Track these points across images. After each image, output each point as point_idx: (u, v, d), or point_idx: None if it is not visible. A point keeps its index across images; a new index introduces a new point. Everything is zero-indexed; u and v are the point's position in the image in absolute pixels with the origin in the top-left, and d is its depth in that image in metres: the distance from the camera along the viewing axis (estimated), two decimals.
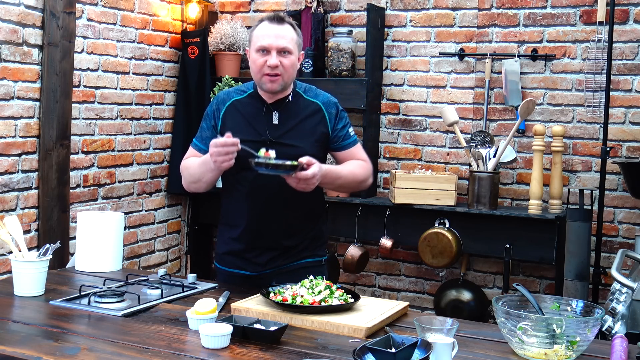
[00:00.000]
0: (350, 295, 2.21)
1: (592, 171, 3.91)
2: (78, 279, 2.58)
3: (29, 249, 2.43)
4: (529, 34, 4.00)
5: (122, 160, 4.09)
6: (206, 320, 1.95)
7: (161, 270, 2.58)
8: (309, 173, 2.25)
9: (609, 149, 3.59)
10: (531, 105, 3.72)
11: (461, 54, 4.13)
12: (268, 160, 2.23)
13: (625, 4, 3.78)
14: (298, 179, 2.26)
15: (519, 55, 4.00)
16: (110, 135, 3.99)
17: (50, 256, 2.38)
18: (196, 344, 1.86)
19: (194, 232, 4.65)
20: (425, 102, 4.25)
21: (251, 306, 2.13)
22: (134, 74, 4.13)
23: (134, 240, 4.21)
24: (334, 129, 2.53)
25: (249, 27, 4.58)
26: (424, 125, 4.27)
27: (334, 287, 2.20)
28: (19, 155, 3.41)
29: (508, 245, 3.75)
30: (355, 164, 2.55)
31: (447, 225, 3.89)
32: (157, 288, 2.36)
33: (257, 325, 1.92)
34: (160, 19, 4.31)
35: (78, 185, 3.78)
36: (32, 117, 3.47)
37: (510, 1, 4.03)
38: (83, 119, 3.80)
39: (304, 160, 2.26)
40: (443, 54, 4.18)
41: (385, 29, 4.31)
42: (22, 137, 3.43)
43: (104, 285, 2.38)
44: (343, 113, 2.57)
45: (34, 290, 2.31)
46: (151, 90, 4.28)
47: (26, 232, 3.43)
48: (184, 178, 2.55)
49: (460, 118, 4.09)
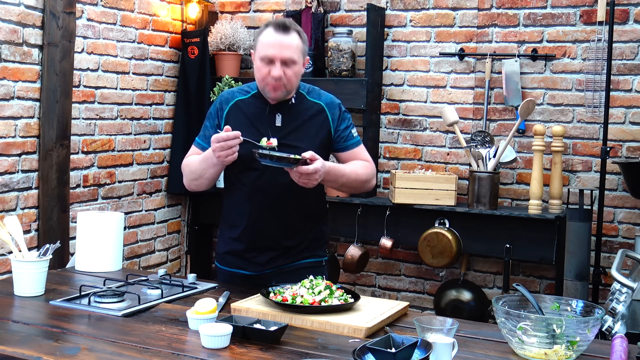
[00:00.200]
0: (350, 295, 2.21)
1: (592, 171, 3.91)
2: (78, 279, 2.58)
3: (29, 249, 2.43)
4: (529, 34, 4.00)
5: (122, 160, 4.09)
6: (206, 320, 1.95)
7: (161, 270, 2.58)
8: (310, 168, 2.25)
9: (609, 149, 3.59)
10: (531, 105, 3.72)
11: (461, 54, 4.13)
12: (272, 152, 2.23)
13: (625, 4, 3.78)
14: (300, 174, 2.26)
15: (519, 55, 4.00)
16: (110, 135, 3.99)
17: (50, 256, 2.38)
18: (196, 344, 1.86)
19: (194, 232, 4.65)
20: (425, 102, 4.25)
21: (251, 306, 2.13)
22: (134, 74, 4.13)
23: (134, 240, 4.21)
24: (337, 130, 2.53)
25: (249, 27, 4.59)
26: (424, 125, 4.27)
27: (334, 287, 2.20)
28: (19, 155, 3.41)
29: (508, 245, 3.75)
30: (358, 164, 2.54)
31: (447, 225, 3.89)
32: (157, 288, 2.36)
33: (257, 325, 1.92)
34: (160, 19, 4.31)
35: (78, 185, 3.78)
36: (32, 117, 3.47)
37: (510, 1, 4.03)
38: (83, 119, 3.80)
39: (307, 154, 2.27)
40: (443, 54, 4.18)
41: (385, 29, 4.31)
42: (22, 137, 3.43)
43: (104, 285, 2.38)
44: (346, 114, 2.57)
45: (34, 290, 2.31)
46: (151, 90, 4.28)
47: (26, 232, 3.42)
48: (185, 176, 2.55)
49: (460, 118, 4.09)
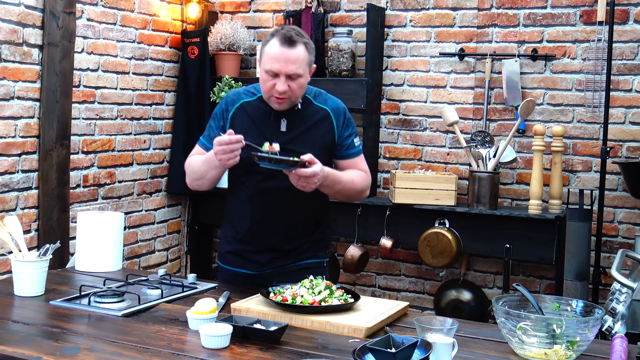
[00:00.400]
0: (350, 295, 2.21)
1: (592, 171, 3.91)
2: (78, 279, 2.58)
3: (29, 249, 2.43)
4: (529, 34, 4.00)
5: (122, 160, 4.09)
6: (206, 320, 1.95)
7: (161, 270, 2.58)
8: (309, 171, 2.25)
9: (609, 149, 3.59)
10: (531, 105, 3.72)
11: (461, 54, 4.13)
12: (270, 155, 2.23)
13: (625, 4, 3.78)
14: (298, 176, 2.26)
15: (519, 55, 4.00)
16: (110, 135, 3.99)
17: (50, 256, 2.38)
18: (196, 344, 1.86)
19: (194, 232, 4.65)
20: (425, 102, 4.25)
21: (251, 306, 2.13)
22: (134, 74, 4.13)
23: (134, 240, 4.21)
24: (340, 137, 2.53)
25: (249, 27, 4.59)
26: (424, 125, 4.27)
27: (333, 287, 2.20)
28: (19, 155, 3.41)
29: (508, 245, 3.75)
30: (355, 173, 2.54)
31: (447, 225, 3.89)
32: (157, 288, 2.36)
33: (257, 325, 1.92)
34: (160, 19, 4.31)
35: (78, 185, 3.78)
36: (32, 117, 3.47)
37: (510, 1, 4.03)
38: (83, 119, 3.80)
39: (306, 157, 2.26)
40: (443, 54, 4.18)
41: (385, 29, 4.31)
42: (22, 137, 3.43)
43: (104, 285, 2.38)
44: (350, 121, 2.57)
45: (34, 290, 2.31)
46: (151, 90, 4.28)
47: (26, 232, 3.42)
48: (188, 175, 2.55)
49: (460, 118, 4.09)
